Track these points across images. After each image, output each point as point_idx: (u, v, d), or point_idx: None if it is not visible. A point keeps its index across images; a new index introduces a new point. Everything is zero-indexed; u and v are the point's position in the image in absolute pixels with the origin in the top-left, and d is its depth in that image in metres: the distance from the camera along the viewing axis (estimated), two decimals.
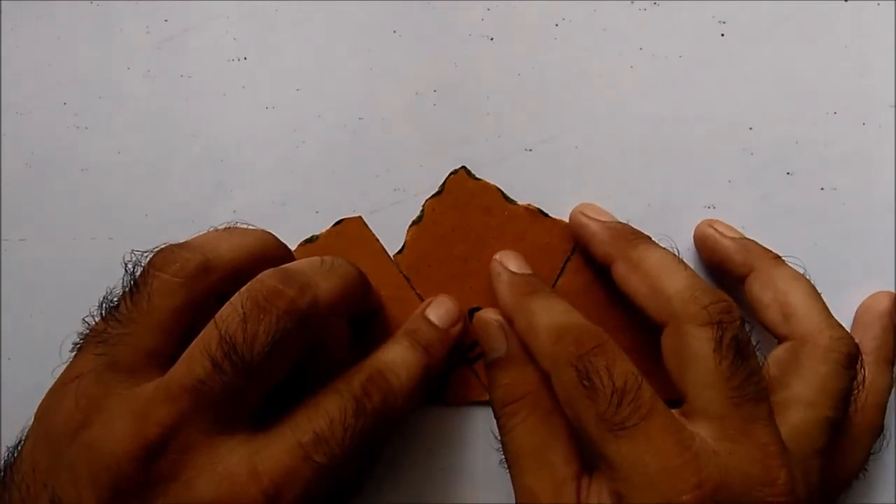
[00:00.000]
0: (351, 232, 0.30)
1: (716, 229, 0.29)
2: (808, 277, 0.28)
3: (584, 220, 0.28)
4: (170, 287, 0.23)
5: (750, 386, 0.23)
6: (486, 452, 0.29)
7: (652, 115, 0.30)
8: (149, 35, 0.31)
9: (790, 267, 0.28)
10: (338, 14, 0.31)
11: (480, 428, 0.30)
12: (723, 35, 0.30)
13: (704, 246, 0.29)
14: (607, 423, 0.22)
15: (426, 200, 0.30)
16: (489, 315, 0.28)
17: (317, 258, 0.25)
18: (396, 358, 0.25)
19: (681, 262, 0.26)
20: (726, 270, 0.28)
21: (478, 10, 0.31)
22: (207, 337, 0.22)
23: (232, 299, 0.23)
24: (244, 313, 0.22)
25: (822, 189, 0.30)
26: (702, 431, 0.22)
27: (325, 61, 0.31)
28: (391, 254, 0.30)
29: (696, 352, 0.23)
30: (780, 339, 0.26)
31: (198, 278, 0.23)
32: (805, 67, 0.30)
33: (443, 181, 0.30)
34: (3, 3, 0.32)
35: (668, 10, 0.30)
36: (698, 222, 0.29)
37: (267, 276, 0.23)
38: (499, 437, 0.26)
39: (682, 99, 0.30)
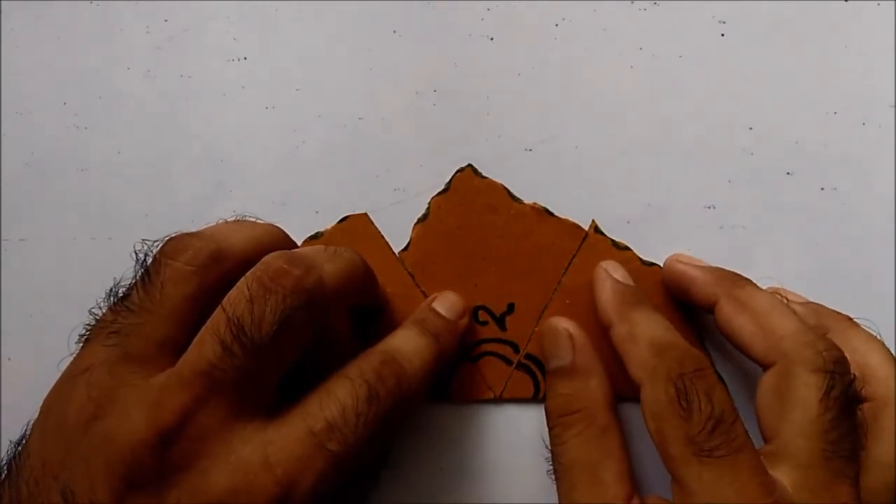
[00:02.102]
0: (356, 228, 0.30)
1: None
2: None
3: (682, 266, 0.28)
4: (182, 275, 0.23)
5: (846, 443, 0.22)
6: (487, 451, 0.29)
7: (652, 115, 0.30)
8: (149, 35, 0.31)
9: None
10: (338, 14, 0.31)
11: (481, 427, 0.30)
12: (723, 35, 0.30)
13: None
14: (695, 447, 0.22)
15: (432, 198, 0.30)
16: (559, 323, 0.28)
17: (321, 246, 0.25)
18: (408, 344, 0.25)
19: (789, 305, 0.26)
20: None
21: (478, 10, 0.31)
22: (216, 321, 0.22)
23: (238, 283, 0.22)
24: (250, 295, 0.22)
25: (822, 189, 0.30)
26: (783, 478, 0.22)
27: (325, 61, 0.31)
28: (396, 251, 0.30)
29: (802, 397, 0.23)
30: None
31: (210, 267, 0.23)
32: (805, 67, 0.30)
33: (449, 179, 0.30)
34: (3, 3, 0.32)
35: (668, 10, 0.30)
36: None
37: (272, 258, 0.23)
38: (549, 446, 0.26)
39: (682, 99, 0.30)
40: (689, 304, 0.28)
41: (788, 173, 0.30)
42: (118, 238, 0.31)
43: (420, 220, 0.30)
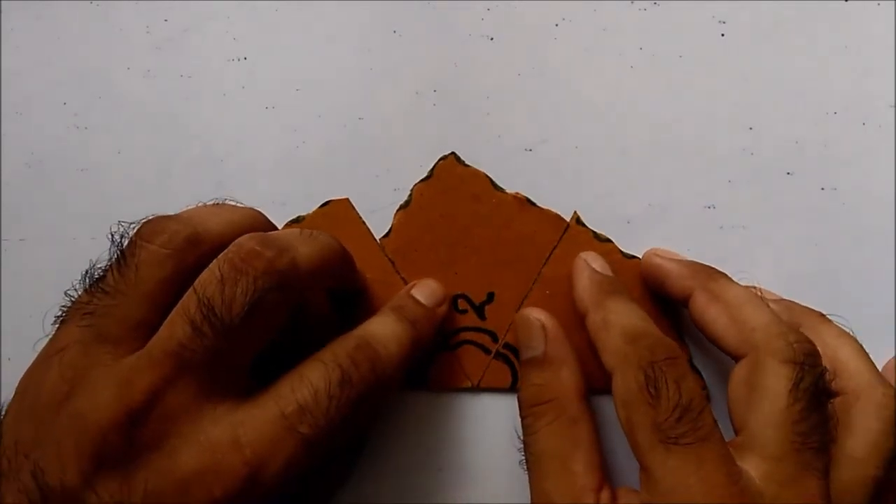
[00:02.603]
0: (338, 213, 0.30)
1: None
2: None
3: (659, 260, 0.28)
4: (157, 258, 0.23)
5: (815, 435, 0.22)
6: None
7: (652, 115, 0.30)
8: (149, 35, 0.31)
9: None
10: (338, 14, 0.31)
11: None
12: (723, 35, 0.30)
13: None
14: (661, 434, 0.22)
15: (415, 185, 0.30)
16: (532, 314, 0.28)
17: (296, 229, 0.25)
18: (384, 329, 0.25)
19: (763, 298, 0.26)
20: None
21: (478, 10, 0.31)
22: (187, 302, 0.22)
23: (211, 264, 0.22)
24: (222, 276, 0.22)
25: (822, 189, 0.30)
26: (752, 469, 0.22)
27: (325, 61, 0.31)
28: (377, 237, 0.30)
29: (771, 387, 0.23)
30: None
31: (186, 250, 0.23)
32: (805, 67, 0.30)
33: (432, 166, 0.30)
34: (3, 3, 0.32)
35: (668, 10, 0.30)
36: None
37: (245, 240, 0.23)
38: (521, 437, 0.26)
39: (682, 99, 0.30)
40: (665, 297, 0.29)
41: (788, 173, 0.30)
42: None
43: (402, 207, 0.30)
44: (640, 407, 0.22)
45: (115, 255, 0.23)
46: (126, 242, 0.24)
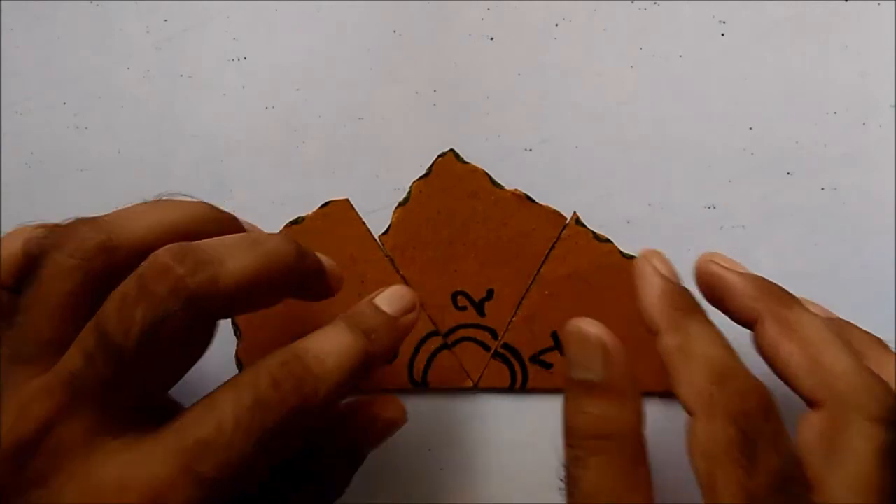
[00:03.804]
0: (337, 214, 0.30)
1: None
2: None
3: (720, 270, 0.24)
4: (64, 269, 0.21)
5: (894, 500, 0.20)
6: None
7: (652, 115, 0.30)
8: (149, 35, 0.31)
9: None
10: (338, 14, 0.31)
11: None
12: (723, 35, 0.30)
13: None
14: (753, 502, 0.19)
15: (413, 182, 0.30)
16: (589, 328, 0.23)
17: (242, 234, 0.23)
18: (326, 342, 0.22)
19: (838, 335, 0.23)
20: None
21: (478, 10, 0.31)
22: (87, 326, 0.20)
23: (123, 281, 0.20)
24: (124, 297, 0.20)
25: (823, 189, 0.30)
26: None
27: (325, 61, 0.31)
28: (377, 236, 0.30)
29: (856, 448, 0.20)
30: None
31: (96, 259, 0.21)
32: (805, 67, 0.30)
33: (430, 163, 0.30)
34: (3, 3, 0.32)
35: (668, 10, 0.30)
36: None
37: (161, 253, 0.20)
38: (564, 464, 0.22)
39: (682, 99, 0.30)
40: (723, 313, 0.25)
41: (788, 173, 0.30)
42: None
43: (401, 204, 0.30)
44: (727, 466, 0.20)
45: (24, 266, 0.21)
46: (37, 250, 0.21)
